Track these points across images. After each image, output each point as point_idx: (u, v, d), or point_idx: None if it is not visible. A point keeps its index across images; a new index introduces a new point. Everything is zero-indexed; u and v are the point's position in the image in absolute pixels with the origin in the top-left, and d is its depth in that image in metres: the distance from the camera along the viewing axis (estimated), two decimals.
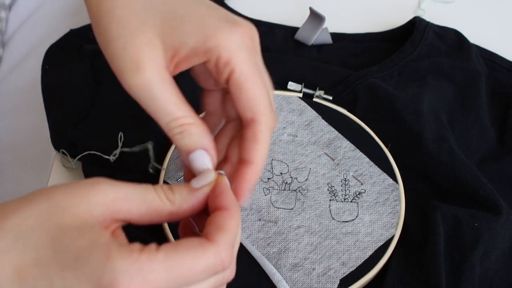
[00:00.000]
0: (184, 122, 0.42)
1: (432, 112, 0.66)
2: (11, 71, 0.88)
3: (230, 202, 0.40)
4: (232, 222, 0.39)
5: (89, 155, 0.62)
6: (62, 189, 0.37)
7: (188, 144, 0.42)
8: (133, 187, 0.39)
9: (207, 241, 0.37)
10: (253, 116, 0.43)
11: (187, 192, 0.40)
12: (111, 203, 0.37)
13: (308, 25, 0.74)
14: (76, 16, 0.91)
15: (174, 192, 0.40)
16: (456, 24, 0.75)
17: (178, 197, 0.40)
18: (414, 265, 0.57)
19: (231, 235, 0.38)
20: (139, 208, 0.38)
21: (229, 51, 0.41)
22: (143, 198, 0.38)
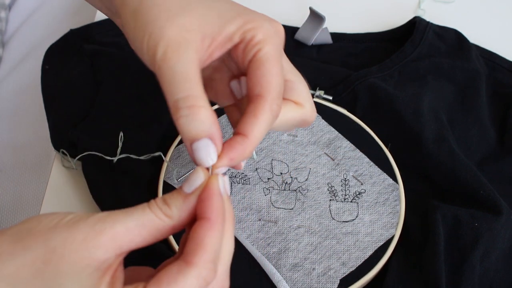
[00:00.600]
0: (194, 103, 0.39)
1: (432, 112, 0.66)
2: (11, 71, 0.88)
3: (213, 211, 0.38)
4: (212, 237, 0.37)
5: (89, 155, 0.62)
6: (58, 233, 0.36)
7: (194, 130, 0.39)
8: (129, 214, 0.37)
9: (185, 266, 0.36)
10: (260, 92, 0.41)
11: (182, 201, 0.39)
12: (111, 242, 0.36)
13: (308, 25, 0.74)
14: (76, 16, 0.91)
15: (170, 205, 0.38)
16: (456, 24, 0.75)
17: (175, 210, 0.38)
18: (414, 265, 0.57)
19: (210, 251, 0.37)
20: (141, 234, 0.37)
21: (264, 34, 0.42)
22: (141, 224, 0.37)
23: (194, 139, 0.39)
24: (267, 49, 0.42)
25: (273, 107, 0.42)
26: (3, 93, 0.87)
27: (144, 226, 0.37)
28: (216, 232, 0.38)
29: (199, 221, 0.38)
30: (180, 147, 0.62)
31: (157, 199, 0.39)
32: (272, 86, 0.41)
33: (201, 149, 0.40)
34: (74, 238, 0.36)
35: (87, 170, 0.63)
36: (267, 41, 0.42)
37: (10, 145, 0.83)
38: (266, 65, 0.42)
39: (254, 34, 0.42)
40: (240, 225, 0.59)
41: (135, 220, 0.37)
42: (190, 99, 0.39)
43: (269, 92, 0.41)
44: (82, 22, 0.75)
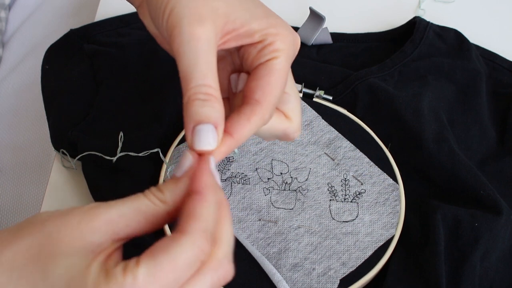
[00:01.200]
0: (213, 93, 0.40)
1: (432, 112, 0.66)
2: (11, 71, 0.88)
3: (203, 185, 0.38)
4: (202, 207, 0.37)
5: (89, 155, 0.62)
6: (53, 220, 0.37)
7: (205, 113, 0.40)
8: (124, 202, 0.38)
9: (180, 234, 0.37)
10: (260, 98, 0.42)
11: (174, 186, 0.39)
12: (106, 227, 0.37)
13: (308, 25, 0.74)
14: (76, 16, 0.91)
15: (163, 191, 0.39)
16: (456, 24, 0.75)
17: (169, 195, 0.39)
18: (414, 265, 0.57)
19: (203, 221, 0.37)
20: (137, 220, 0.38)
21: (284, 43, 0.43)
22: (136, 209, 0.38)
23: (200, 121, 0.40)
24: (281, 60, 0.43)
25: (266, 116, 0.43)
26: (3, 93, 0.87)
27: (139, 211, 0.38)
28: (207, 203, 0.38)
29: (191, 195, 0.38)
30: (180, 147, 0.62)
31: (151, 187, 0.39)
32: (272, 96, 0.42)
33: (203, 132, 0.40)
34: (68, 222, 0.36)
35: (87, 170, 0.63)
36: (284, 52, 0.43)
37: (10, 145, 0.83)
38: (275, 74, 0.43)
39: (274, 40, 0.43)
40: (240, 225, 0.59)
41: (130, 208, 0.38)
42: (210, 88, 0.40)
43: (268, 101, 0.42)
44: (82, 22, 0.75)
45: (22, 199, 0.78)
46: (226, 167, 0.62)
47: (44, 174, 0.78)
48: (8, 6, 0.94)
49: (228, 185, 0.61)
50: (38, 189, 0.78)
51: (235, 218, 0.59)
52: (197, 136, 0.40)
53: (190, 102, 0.40)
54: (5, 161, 0.81)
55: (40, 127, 0.82)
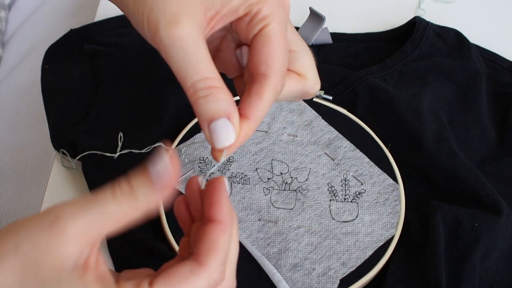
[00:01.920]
0: (212, 85, 0.39)
1: (432, 112, 0.66)
2: (11, 71, 0.88)
3: (224, 215, 0.38)
4: (224, 239, 0.37)
5: (89, 155, 0.62)
6: (25, 238, 0.35)
7: (213, 110, 0.39)
8: (93, 205, 0.36)
9: (198, 266, 0.37)
10: (266, 72, 0.41)
11: (148, 186, 0.37)
12: (77, 237, 0.35)
13: (308, 25, 0.74)
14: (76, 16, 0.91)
15: (133, 188, 0.37)
16: (456, 24, 0.75)
17: (141, 195, 0.37)
18: (414, 265, 0.57)
19: (222, 254, 0.37)
20: (108, 223, 0.36)
21: (270, 8, 0.41)
22: (104, 213, 0.36)
23: (212, 119, 0.39)
24: (273, 25, 0.41)
25: (278, 87, 0.41)
26: (3, 93, 0.87)
27: (108, 214, 0.36)
28: (227, 235, 0.38)
29: (212, 224, 0.38)
30: (180, 147, 0.62)
31: (122, 184, 0.37)
32: (277, 65, 0.41)
33: (219, 128, 0.39)
34: (40, 241, 0.35)
35: (87, 170, 0.63)
36: (273, 16, 0.41)
37: (10, 145, 0.83)
38: (273, 42, 0.41)
39: (260, 8, 0.41)
40: (240, 225, 0.59)
41: (97, 210, 0.36)
42: (208, 81, 0.39)
43: (274, 71, 0.41)
44: (82, 22, 0.75)
45: (22, 199, 0.78)
46: (226, 167, 0.62)
47: (44, 174, 0.78)
48: (8, 6, 0.94)
49: (228, 185, 0.61)
50: (38, 189, 0.78)
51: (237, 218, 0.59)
52: (215, 135, 0.39)
53: (194, 102, 0.39)
54: (5, 161, 0.81)
55: (40, 127, 0.82)
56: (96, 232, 0.36)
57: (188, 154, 0.62)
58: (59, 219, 0.35)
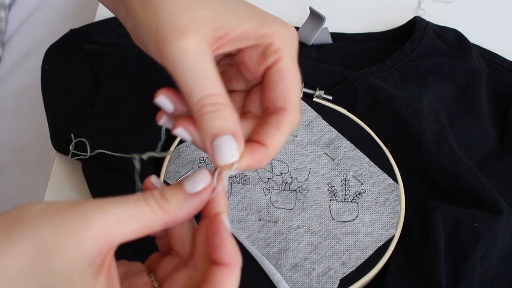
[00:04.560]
0: (219, 101, 0.38)
1: (432, 112, 0.66)
2: (11, 71, 0.89)
3: (231, 256, 0.37)
4: (231, 282, 0.37)
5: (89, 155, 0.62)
6: (48, 224, 0.34)
7: (218, 126, 0.38)
8: (123, 205, 0.36)
9: None
10: (284, 105, 0.41)
11: (183, 200, 0.37)
12: (102, 233, 0.35)
13: (308, 25, 0.74)
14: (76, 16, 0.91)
15: (168, 200, 0.37)
16: (456, 24, 0.75)
17: (174, 206, 0.37)
18: (414, 265, 0.57)
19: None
20: (133, 227, 0.36)
21: (281, 41, 0.41)
22: (134, 216, 0.36)
23: (216, 135, 0.38)
24: (287, 59, 0.42)
25: (295, 121, 0.42)
26: (3, 93, 0.87)
27: (137, 219, 0.36)
28: (234, 277, 0.37)
29: (217, 267, 0.37)
30: (180, 147, 0.62)
31: (154, 191, 0.37)
32: (294, 99, 0.41)
33: (223, 145, 0.38)
34: (64, 229, 0.34)
35: (87, 170, 0.63)
36: (286, 50, 0.42)
37: (10, 145, 0.83)
38: (288, 76, 0.41)
39: (272, 41, 0.41)
40: (240, 225, 0.59)
41: (128, 212, 0.36)
42: (215, 97, 0.38)
43: (292, 105, 0.41)
44: (82, 22, 0.75)
45: (22, 199, 0.78)
46: None
47: (44, 174, 0.78)
48: (8, 6, 0.94)
49: (228, 185, 0.61)
50: (38, 189, 0.78)
51: (235, 218, 0.59)
52: (218, 151, 0.38)
53: (199, 117, 0.38)
54: (6, 161, 0.81)
55: (40, 127, 0.82)
56: (121, 233, 0.35)
57: (188, 154, 0.62)
58: (88, 212, 0.35)
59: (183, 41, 0.38)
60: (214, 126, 0.38)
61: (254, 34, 0.41)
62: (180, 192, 0.38)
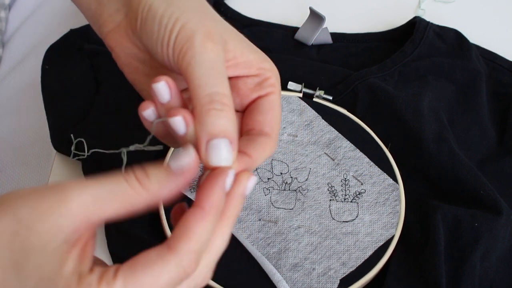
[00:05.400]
0: (227, 102, 0.38)
1: (432, 112, 0.66)
2: (11, 71, 0.88)
3: (208, 202, 0.36)
4: (201, 225, 0.35)
5: (89, 155, 0.62)
6: (24, 202, 0.34)
7: (222, 126, 0.38)
8: (102, 183, 0.35)
9: (167, 251, 0.35)
10: (269, 132, 0.44)
11: (165, 176, 0.36)
12: (79, 211, 0.34)
13: (308, 25, 0.74)
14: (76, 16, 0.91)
15: (150, 177, 0.36)
16: (456, 24, 0.75)
17: (155, 182, 0.36)
18: (414, 265, 0.57)
19: (196, 240, 0.35)
20: (112, 205, 0.35)
21: (276, 79, 0.45)
22: (113, 193, 0.35)
23: (216, 135, 0.38)
24: (278, 94, 0.45)
25: (274, 147, 0.44)
26: (3, 93, 0.87)
27: (115, 196, 0.35)
28: (206, 223, 0.36)
29: (193, 208, 0.36)
30: None
31: (136, 168, 0.37)
32: (277, 128, 0.45)
33: (218, 147, 0.38)
34: (40, 206, 0.34)
35: (87, 170, 0.63)
36: (277, 86, 0.45)
37: (10, 145, 0.83)
38: (277, 109, 0.45)
39: (270, 76, 0.45)
40: (240, 225, 0.59)
41: (106, 189, 0.35)
42: (225, 98, 0.38)
43: (275, 133, 0.44)
44: (82, 22, 0.75)
45: None
46: None
47: (44, 174, 0.78)
48: (8, 6, 0.94)
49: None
50: None
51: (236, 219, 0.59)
52: (213, 151, 0.38)
53: (205, 111, 0.38)
54: (6, 161, 0.81)
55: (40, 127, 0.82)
56: (99, 211, 0.35)
57: None
58: (65, 190, 0.35)
59: (209, 43, 0.40)
60: (218, 125, 0.38)
61: (257, 65, 0.44)
62: (163, 169, 0.37)
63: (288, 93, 0.67)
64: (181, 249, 0.35)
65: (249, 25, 0.77)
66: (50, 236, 0.34)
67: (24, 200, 0.35)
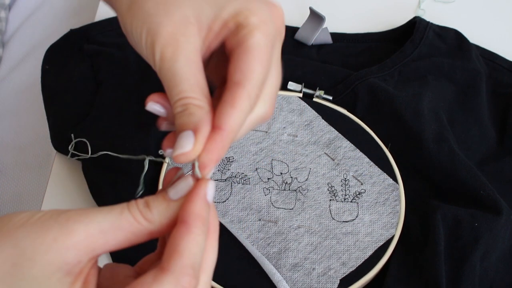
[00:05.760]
0: (190, 102, 0.38)
1: (432, 112, 0.66)
2: (11, 71, 0.88)
3: (190, 215, 0.35)
4: (188, 240, 0.35)
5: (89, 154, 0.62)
6: (27, 232, 0.34)
7: (181, 122, 0.38)
8: (106, 215, 0.35)
9: (161, 272, 0.34)
10: (240, 80, 0.38)
11: (165, 207, 0.36)
12: (83, 244, 0.34)
13: (308, 25, 0.74)
14: (76, 16, 0.91)
15: (151, 209, 0.36)
16: (456, 24, 0.75)
17: (157, 215, 0.36)
18: (414, 265, 0.57)
19: (187, 256, 0.35)
20: (116, 237, 0.35)
21: (258, 19, 0.39)
22: (118, 226, 0.35)
23: (179, 131, 0.38)
24: (257, 36, 0.39)
25: (252, 95, 0.39)
26: (3, 93, 0.87)
27: (120, 229, 0.35)
28: (193, 236, 0.35)
29: (177, 225, 0.36)
30: None
31: (138, 200, 0.37)
32: (253, 74, 0.38)
33: (182, 138, 0.38)
34: (44, 238, 0.34)
35: (87, 170, 0.63)
36: (260, 27, 0.39)
37: (10, 145, 0.82)
38: (253, 51, 0.38)
39: (246, 17, 0.39)
40: (240, 225, 0.59)
41: (111, 222, 0.35)
42: (187, 99, 0.38)
43: (249, 81, 0.38)
44: (82, 22, 0.75)
45: (23, 199, 0.78)
46: (226, 167, 0.62)
47: (44, 174, 0.78)
48: (8, 6, 0.94)
49: (228, 185, 0.61)
50: (38, 189, 0.78)
51: (235, 218, 0.59)
52: (177, 143, 0.38)
53: (175, 116, 0.39)
54: (6, 161, 0.81)
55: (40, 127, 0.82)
56: (104, 243, 0.35)
57: None
58: (70, 222, 0.34)
59: (166, 50, 0.39)
60: (179, 123, 0.38)
61: (233, 19, 0.39)
62: (163, 200, 0.37)
63: (288, 93, 0.67)
64: (174, 268, 0.34)
65: None
66: (54, 268, 0.34)
67: (27, 231, 0.34)
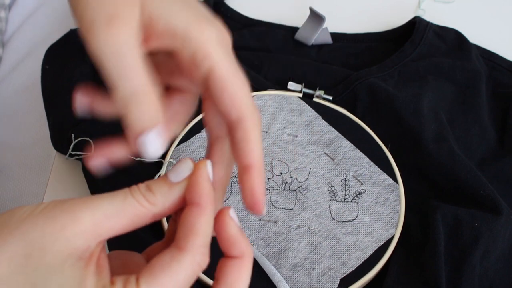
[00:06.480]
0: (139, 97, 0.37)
1: (432, 112, 0.66)
2: (11, 71, 0.88)
3: (202, 196, 0.37)
4: (202, 222, 0.37)
5: None
6: (35, 223, 0.35)
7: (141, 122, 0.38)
8: (110, 201, 0.36)
9: (179, 251, 0.36)
10: (239, 115, 0.38)
11: (168, 190, 0.38)
12: (91, 230, 0.35)
13: (308, 25, 0.74)
14: None
15: (154, 192, 0.37)
16: (456, 24, 0.75)
17: (160, 197, 0.37)
18: (414, 265, 0.57)
19: (202, 236, 0.36)
20: (121, 222, 0.36)
21: (209, 45, 0.38)
22: (122, 210, 0.36)
23: (140, 132, 0.38)
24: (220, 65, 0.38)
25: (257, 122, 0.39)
26: (3, 93, 0.87)
27: (125, 213, 0.36)
28: (206, 217, 0.37)
29: (190, 207, 0.37)
30: (180, 147, 0.62)
31: (139, 185, 0.38)
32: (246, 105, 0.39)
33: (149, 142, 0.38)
34: (52, 227, 0.35)
35: (87, 170, 0.63)
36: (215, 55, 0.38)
37: (10, 145, 0.82)
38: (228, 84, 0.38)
39: (197, 46, 0.37)
40: (240, 225, 0.59)
41: (115, 207, 0.36)
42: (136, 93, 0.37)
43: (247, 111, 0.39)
44: None
45: (23, 199, 0.78)
46: None
47: (44, 174, 0.78)
48: (8, 6, 0.94)
49: (228, 185, 0.61)
50: (38, 189, 0.78)
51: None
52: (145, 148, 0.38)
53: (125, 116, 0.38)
54: (6, 161, 0.81)
55: (40, 127, 0.82)
56: (109, 227, 0.36)
57: (188, 154, 0.62)
58: (76, 210, 0.35)
59: (109, 31, 0.36)
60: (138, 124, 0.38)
61: (180, 35, 0.37)
62: (165, 183, 0.38)
63: (288, 93, 0.67)
64: (192, 247, 0.36)
65: (249, 25, 0.77)
66: (66, 254, 0.35)
67: (33, 222, 0.35)
